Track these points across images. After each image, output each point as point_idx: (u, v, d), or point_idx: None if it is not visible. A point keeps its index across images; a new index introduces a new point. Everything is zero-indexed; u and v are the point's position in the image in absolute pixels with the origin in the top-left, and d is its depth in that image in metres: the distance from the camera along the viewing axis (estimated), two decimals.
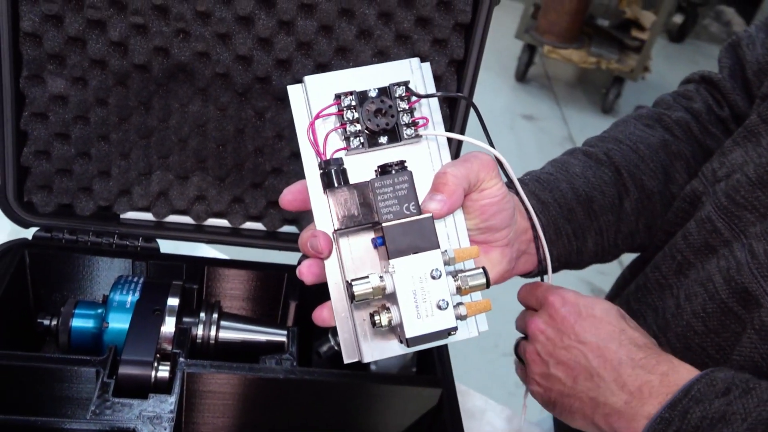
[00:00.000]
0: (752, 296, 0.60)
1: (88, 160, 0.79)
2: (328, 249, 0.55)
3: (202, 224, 0.84)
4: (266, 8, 0.74)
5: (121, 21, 0.73)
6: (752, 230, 0.64)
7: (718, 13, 5.70)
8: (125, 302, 0.73)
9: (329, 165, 0.54)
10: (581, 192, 0.74)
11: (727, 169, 0.70)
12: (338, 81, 0.56)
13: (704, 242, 0.68)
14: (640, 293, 0.76)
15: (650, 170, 0.77)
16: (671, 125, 0.81)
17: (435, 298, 0.52)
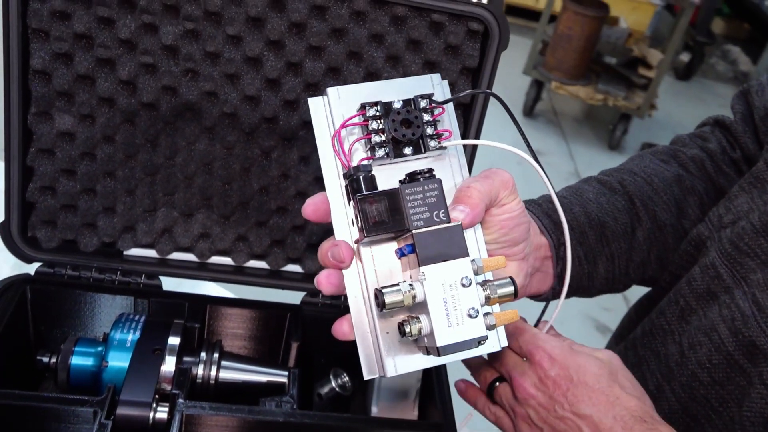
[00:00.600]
0: (759, 350, 0.60)
1: (93, 196, 0.79)
2: (350, 258, 0.55)
3: (205, 262, 0.84)
4: (275, 50, 0.74)
5: (131, 60, 0.73)
6: (753, 277, 0.64)
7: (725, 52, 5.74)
8: (126, 341, 0.72)
9: (358, 171, 0.54)
10: (594, 217, 0.74)
11: (733, 215, 0.71)
12: (361, 92, 0.57)
13: (707, 288, 0.68)
14: (645, 339, 0.76)
15: (663, 202, 0.78)
16: (686, 162, 0.82)
17: (465, 307, 0.52)
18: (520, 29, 5.07)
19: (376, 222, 0.52)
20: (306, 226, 0.84)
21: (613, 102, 3.83)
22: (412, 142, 0.56)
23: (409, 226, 0.52)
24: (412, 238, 0.52)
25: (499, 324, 0.54)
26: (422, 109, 0.57)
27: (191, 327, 0.77)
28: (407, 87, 0.58)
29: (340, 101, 0.56)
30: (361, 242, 0.55)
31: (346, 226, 0.55)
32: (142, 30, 0.72)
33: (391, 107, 0.56)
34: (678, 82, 5.13)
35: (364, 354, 0.55)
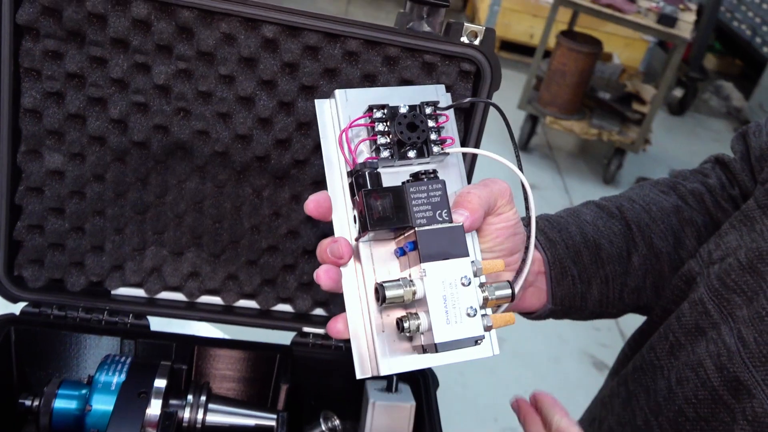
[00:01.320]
0: (743, 386, 0.60)
1: (81, 235, 0.79)
2: (349, 255, 0.55)
3: (194, 301, 0.83)
4: (267, 89, 0.74)
5: (123, 99, 0.73)
6: (739, 314, 0.64)
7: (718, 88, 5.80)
8: (110, 383, 0.71)
9: (365, 167, 0.54)
10: (590, 237, 0.75)
11: (722, 252, 0.71)
12: (368, 96, 0.59)
13: (695, 324, 0.69)
14: (636, 374, 0.76)
15: (660, 231, 0.78)
16: (685, 194, 0.83)
17: (464, 305, 0.53)
18: (514, 64, 5.12)
19: (380, 217, 0.53)
20: (297, 265, 0.83)
21: (607, 137, 3.86)
22: (416, 145, 0.58)
23: (413, 223, 0.53)
24: (415, 235, 0.53)
25: (495, 326, 0.55)
26: (427, 115, 0.59)
27: (178, 369, 0.75)
28: (413, 94, 0.60)
29: (347, 103, 0.58)
30: (361, 240, 0.55)
31: (347, 224, 0.57)
32: (135, 69, 0.72)
33: (397, 111, 0.58)
34: (671, 117, 5.17)
35: (358, 353, 0.55)
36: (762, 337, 0.60)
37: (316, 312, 0.85)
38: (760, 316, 0.61)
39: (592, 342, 2.84)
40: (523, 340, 2.67)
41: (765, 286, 0.62)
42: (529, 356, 2.64)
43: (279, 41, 0.72)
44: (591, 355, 2.77)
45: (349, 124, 0.57)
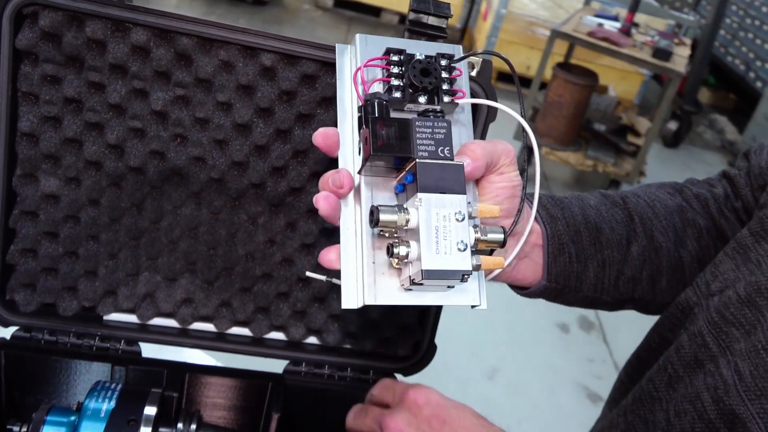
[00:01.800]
0: (739, 419, 0.59)
1: (75, 260, 0.78)
2: (349, 186, 0.56)
3: (187, 328, 0.82)
4: (264, 117, 0.75)
5: (120, 124, 0.73)
6: (737, 347, 0.64)
7: (712, 121, 5.86)
8: (100, 410, 0.70)
9: (374, 97, 0.56)
10: (591, 220, 0.75)
11: (720, 283, 0.71)
12: (387, 43, 0.60)
13: (694, 356, 0.68)
14: (635, 405, 0.75)
15: (662, 227, 0.79)
16: (690, 197, 0.84)
17: (455, 239, 0.53)
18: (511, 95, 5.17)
19: (384, 144, 0.54)
20: (291, 293, 0.83)
21: (602, 168, 3.88)
22: (428, 91, 0.59)
23: (414, 154, 0.55)
24: (415, 166, 0.54)
25: (484, 266, 0.56)
26: (441, 66, 0.60)
27: (169, 396, 0.74)
28: (430, 48, 0.61)
29: (367, 46, 0.60)
30: (363, 172, 0.57)
31: (351, 159, 0.58)
32: (133, 95, 0.72)
33: (413, 57, 0.59)
34: (666, 149, 5.21)
35: (347, 283, 0.56)
36: (758, 371, 0.60)
37: (310, 340, 0.85)
38: (757, 350, 0.61)
39: (587, 373, 2.82)
40: (517, 371, 2.65)
41: (763, 320, 0.62)
42: (523, 387, 2.62)
43: (277, 69, 0.72)
44: (585, 386, 2.75)
45: (365, 62, 0.58)
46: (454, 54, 0.61)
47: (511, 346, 2.79)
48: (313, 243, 0.80)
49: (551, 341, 2.93)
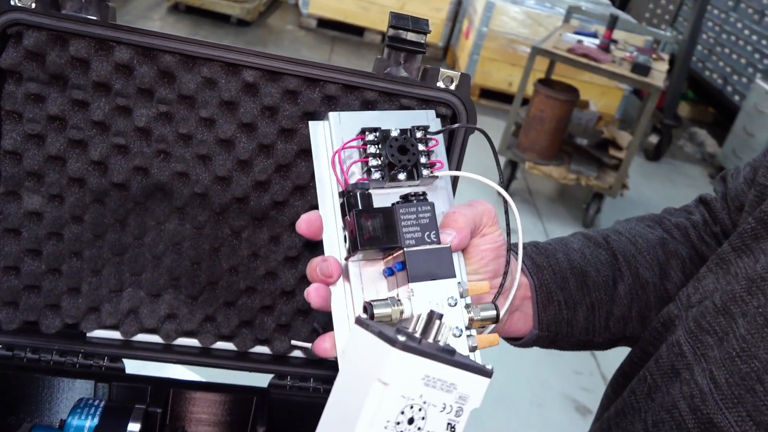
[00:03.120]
0: (717, 427, 0.60)
1: (58, 277, 0.78)
2: (338, 274, 0.57)
3: (171, 344, 0.82)
4: (247, 132, 0.75)
5: (103, 141, 0.74)
6: (711, 354, 0.65)
7: (692, 135, 5.94)
8: (83, 428, 0.69)
9: (356, 188, 0.56)
10: (576, 265, 0.76)
11: (700, 295, 0.72)
12: (360, 119, 0.60)
13: (671, 366, 0.69)
14: (618, 418, 0.76)
15: (646, 262, 0.80)
16: (670, 228, 0.85)
17: (450, 326, 0.52)
18: (494, 111, 5.22)
19: (370, 237, 0.54)
20: (275, 307, 0.83)
21: (585, 182, 3.92)
22: (407, 168, 0.59)
23: (402, 243, 0.55)
24: (404, 255, 0.54)
25: (480, 346, 0.56)
26: (417, 139, 0.60)
27: (153, 412, 0.74)
28: (404, 118, 0.62)
29: (340, 125, 0.60)
30: (351, 260, 0.56)
31: (336, 243, 0.58)
32: (116, 112, 0.73)
33: (389, 134, 0.59)
34: (648, 162, 5.27)
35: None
36: (733, 378, 0.61)
37: (294, 354, 0.85)
38: (731, 357, 0.62)
39: (575, 386, 2.83)
40: (505, 384, 2.66)
41: (735, 327, 0.63)
42: (512, 401, 2.63)
43: (259, 85, 0.73)
44: (573, 399, 2.76)
45: (342, 146, 0.59)
46: (429, 125, 0.62)
47: (499, 360, 2.80)
48: (296, 256, 0.81)
49: (538, 355, 2.94)
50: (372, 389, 0.39)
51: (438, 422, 0.42)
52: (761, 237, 0.67)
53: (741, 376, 0.60)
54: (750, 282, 0.64)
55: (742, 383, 0.59)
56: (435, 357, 0.41)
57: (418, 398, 0.40)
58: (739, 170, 0.84)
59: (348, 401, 0.42)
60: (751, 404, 0.58)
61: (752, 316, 0.62)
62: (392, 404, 0.40)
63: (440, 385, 0.41)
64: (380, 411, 0.40)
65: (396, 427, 0.41)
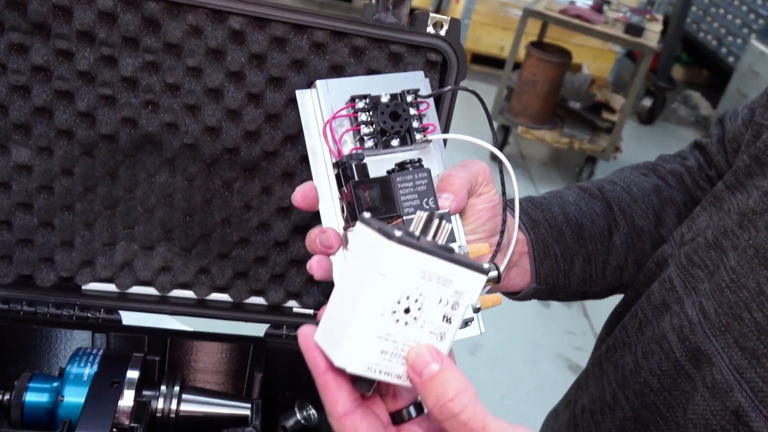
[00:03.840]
0: (704, 355, 0.61)
1: (50, 230, 0.78)
2: (338, 244, 0.57)
3: (166, 295, 0.83)
4: (235, 81, 0.75)
5: (90, 92, 0.73)
6: (701, 287, 0.66)
7: (686, 97, 5.92)
8: (82, 375, 0.70)
9: (351, 159, 0.55)
10: (572, 217, 0.77)
11: (693, 233, 0.73)
12: (349, 86, 0.59)
13: (662, 300, 0.70)
14: (609, 353, 0.78)
15: (641, 210, 0.80)
16: (665, 174, 0.85)
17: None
18: (485, 77, 5.19)
19: (369, 208, 0.54)
20: (269, 257, 0.83)
21: (578, 145, 3.91)
22: (400, 134, 0.59)
23: (401, 212, 0.55)
24: (403, 223, 0.54)
25: (483, 307, 0.56)
26: (408, 104, 0.60)
27: (151, 360, 0.75)
28: (393, 82, 0.61)
29: (329, 94, 0.59)
30: (349, 230, 0.56)
31: (333, 213, 0.57)
32: (101, 62, 0.72)
33: (379, 101, 0.58)
34: (642, 126, 5.26)
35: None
36: (722, 308, 0.62)
37: (289, 303, 0.86)
38: (720, 288, 0.63)
39: (567, 346, 2.86)
40: (499, 346, 2.68)
41: (726, 260, 0.64)
42: (506, 361, 2.65)
43: (246, 33, 0.73)
44: (567, 358, 2.79)
45: (332, 116, 0.58)
46: (419, 88, 0.61)
47: (493, 322, 2.82)
48: (289, 206, 0.81)
49: (533, 316, 2.97)
50: (370, 280, 0.41)
51: (434, 314, 0.44)
52: (755, 174, 0.67)
53: (729, 306, 0.61)
54: (742, 216, 0.65)
55: (730, 312, 0.60)
56: (431, 252, 0.42)
57: (415, 290, 0.42)
58: (737, 112, 0.84)
59: (349, 293, 0.43)
60: (737, 331, 0.59)
61: (743, 249, 0.62)
62: (389, 294, 0.42)
63: (437, 279, 0.42)
64: (378, 300, 0.41)
65: (393, 315, 0.42)
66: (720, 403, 0.59)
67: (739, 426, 0.57)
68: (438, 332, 0.44)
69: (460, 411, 0.41)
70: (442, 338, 0.45)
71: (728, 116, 0.85)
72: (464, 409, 0.41)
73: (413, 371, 0.43)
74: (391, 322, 0.42)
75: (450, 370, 0.43)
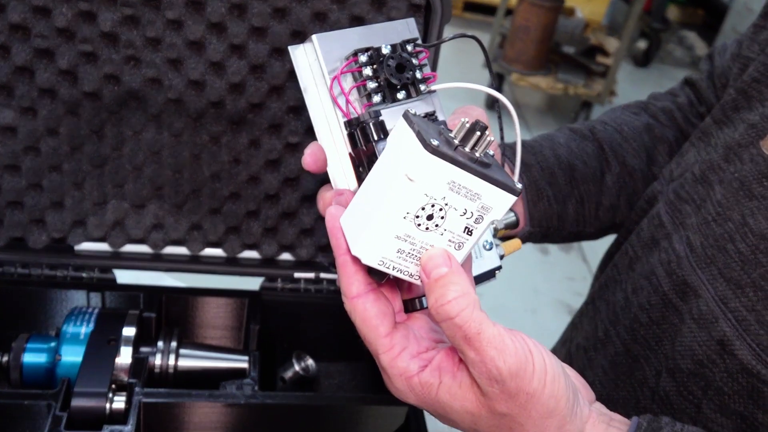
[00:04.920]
0: (691, 287, 0.62)
1: (40, 192, 0.78)
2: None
3: (159, 252, 0.83)
4: (217, 33, 0.74)
5: (70, 49, 0.72)
6: (689, 222, 0.66)
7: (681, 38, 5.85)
8: (79, 334, 0.71)
9: (369, 117, 0.53)
10: (563, 159, 0.77)
11: (682, 169, 0.73)
12: (347, 39, 0.57)
13: (651, 236, 0.71)
14: (601, 290, 0.78)
15: (633, 149, 0.80)
16: (656, 112, 0.85)
17: (482, 240, 0.55)
18: (478, 24, 5.11)
19: None
20: (260, 211, 0.83)
21: (573, 91, 3.88)
22: (406, 86, 0.57)
23: None
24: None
25: (507, 253, 0.58)
26: (410, 54, 0.58)
27: (147, 317, 0.76)
28: (388, 32, 0.58)
29: (324, 49, 0.56)
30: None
31: (343, 175, 0.56)
32: (80, 18, 0.71)
33: (380, 53, 0.56)
34: (637, 69, 5.21)
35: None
36: (707, 241, 0.62)
37: (283, 257, 0.86)
38: (707, 221, 0.63)
39: (567, 292, 2.89)
40: (499, 295, 2.70)
41: (712, 194, 0.64)
42: (506, 310, 2.68)
43: None
44: (567, 304, 2.82)
45: (339, 71, 0.55)
46: (417, 38, 0.59)
47: None
48: (277, 159, 0.81)
49: (532, 263, 2.99)
50: (398, 182, 0.41)
51: (456, 224, 0.44)
52: (742, 107, 0.67)
53: (715, 238, 0.61)
54: (727, 149, 0.65)
55: (716, 244, 0.61)
56: (464, 166, 0.41)
57: (441, 199, 0.42)
58: (726, 47, 0.83)
59: (377, 189, 0.44)
60: (722, 262, 0.59)
61: (728, 182, 0.63)
62: (414, 199, 0.42)
63: (465, 192, 0.43)
64: (402, 202, 0.42)
65: (415, 219, 0.43)
66: (706, 334, 0.60)
67: (725, 355, 0.58)
68: (457, 242, 0.45)
69: (455, 314, 0.42)
70: (460, 248, 0.45)
71: (717, 51, 0.84)
72: (460, 313, 0.42)
73: (423, 271, 0.44)
74: (412, 225, 0.43)
75: (456, 275, 0.43)
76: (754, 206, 0.58)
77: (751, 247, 0.57)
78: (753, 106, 0.64)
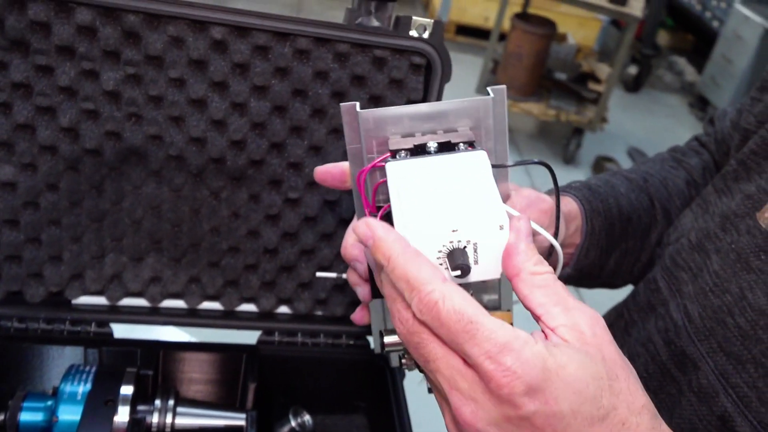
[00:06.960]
0: (689, 359, 0.62)
1: (38, 246, 0.78)
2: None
3: (157, 306, 0.83)
4: (219, 91, 0.74)
5: (72, 107, 0.72)
6: (686, 290, 0.66)
7: (671, 64, 5.91)
8: (76, 393, 0.70)
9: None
10: (624, 212, 0.76)
11: (678, 234, 0.74)
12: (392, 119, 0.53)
13: (647, 302, 0.71)
14: None
15: (677, 207, 0.81)
16: (691, 170, 0.86)
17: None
18: (471, 48, 5.15)
19: None
20: (259, 265, 0.83)
21: (565, 117, 3.91)
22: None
23: None
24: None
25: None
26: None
27: (144, 375, 0.75)
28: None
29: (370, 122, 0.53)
30: None
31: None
32: (83, 76, 0.71)
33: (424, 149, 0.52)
34: (627, 94, 5.25)
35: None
36: (706, 312, 0.62)
37: (281, 310, 0.86)
38: (704, 292, 0.63)
39: None
40: None
41: (709, 263, 0.65)
42: None
43: (228, 42, 0.72)
44: None
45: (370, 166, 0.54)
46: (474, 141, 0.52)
47: None
48: (277, 214, 0.81)
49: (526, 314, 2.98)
50: None
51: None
52: (741, 178, 0.68)
53: (713, 310, 0.62)
54: (724, 219, 0.65)
55: (714, 316, 0.61)
56: None
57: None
58: (725, 113, 0.84)
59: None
60: (721, 336, 0.60)
61: (725, 252, 0.63)
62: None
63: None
64: None
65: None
66: (706, 408, 0.60)
67: (725, 431, 0.58)
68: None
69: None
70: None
71: (717, 116, 0.85)
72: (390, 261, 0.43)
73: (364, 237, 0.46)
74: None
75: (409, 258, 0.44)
76: (752, 280, 0.59)
77: (751, 323, 0.58)
78: (751, 177, 0.65)
